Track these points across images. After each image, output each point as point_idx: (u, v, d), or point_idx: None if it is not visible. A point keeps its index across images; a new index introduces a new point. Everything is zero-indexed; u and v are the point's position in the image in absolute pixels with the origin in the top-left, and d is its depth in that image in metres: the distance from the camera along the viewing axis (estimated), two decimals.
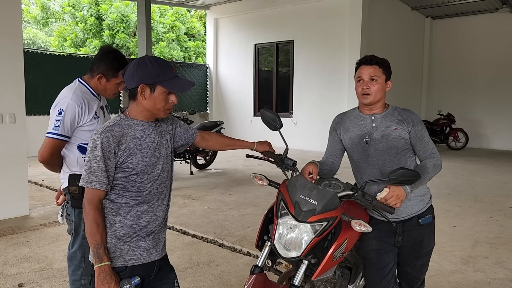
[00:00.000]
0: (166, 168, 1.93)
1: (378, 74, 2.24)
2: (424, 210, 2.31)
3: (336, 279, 2.31)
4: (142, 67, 1.79)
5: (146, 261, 1.85)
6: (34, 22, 18.38)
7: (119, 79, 2.50)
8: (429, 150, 2.28)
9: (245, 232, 4.74)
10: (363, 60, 2.31)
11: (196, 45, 18.40)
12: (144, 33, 9.99)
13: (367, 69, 2.26)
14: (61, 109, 2.38)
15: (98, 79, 2.51)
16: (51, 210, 5.67)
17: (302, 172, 2.23)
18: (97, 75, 2.50)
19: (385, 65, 2.29)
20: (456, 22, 13.61)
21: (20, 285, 3.43)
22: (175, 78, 1.82)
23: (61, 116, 2.37)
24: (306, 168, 2.24)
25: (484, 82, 13.06)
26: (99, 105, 2.56)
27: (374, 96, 2.24)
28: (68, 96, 2.42)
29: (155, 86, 1.79)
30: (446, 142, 12.65)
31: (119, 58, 2.52)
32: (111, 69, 2.49)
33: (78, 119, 2.41)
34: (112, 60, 2.50)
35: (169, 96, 1.83)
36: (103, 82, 2.51)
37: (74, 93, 2.43)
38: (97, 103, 2.54)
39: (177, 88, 1.83)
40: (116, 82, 2.53)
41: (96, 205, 1.76)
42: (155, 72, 1.78)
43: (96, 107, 2.51)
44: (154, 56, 1.83)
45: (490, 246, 4.46)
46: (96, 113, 2.50)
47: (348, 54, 10.76)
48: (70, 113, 2.38)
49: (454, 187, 7.35)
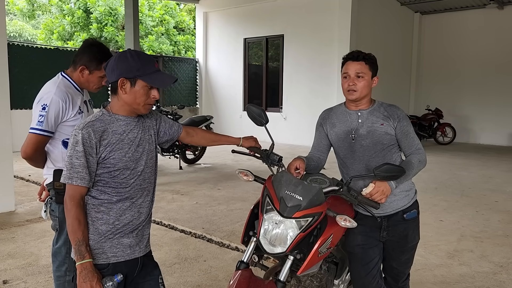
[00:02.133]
0: (149, 163, 1.91)
1: (365, 71, 2.24)
2: (409, 205, 2.32)
3: (322, 274, 2.32)
4: (123, 60, 1.77)
5: (129, 258, 1.83)
6: (21, 14, 18.07)
7: (102, 72, 2.43)
8: (414, 146, 2.28)
9: (234, 227, 4.74)
10: (349, 56, 2.29)
11: (186, 39, 18.27)
12: (131, 26, 9.86)
13: (354, 65, 2.24)
14: (44, 104, 2.34)
15: (81, 71, 2.46)
16: (37, 205, 5.61)
17: (288, 167, 2.22)
18: (80, 66, 2.45)
19: (372, 61, 2.28)
20: (445, 17, 13.69)
21: (5, 282, 3.39)
22: (156, 73, 1.80)
23: (45, 111, 2.33)
24: (292, 163, 2.23)
25: (472, 78, 13.18)
26: (82, 99, 2.51)
27: (360, 92, 2.24)
28: (51, 91, 2.37)
29: (136, 80, 1.76)
30: (434, 137, 12.76)
31: (103, 50, 2.48)
32: (94, 61, 2.44)
33: (62, 115, 2.37)
34: (95, 52, 2.45)
35: (151, 91, 1.80)
36: (86, 75, 2.46)
37: (57, 87, 2.38)
38: (80, 97, 2.50)
39: (158, 82, 1.80)
40: (99, 75, 2.48)
41: (78, 202, 1.73)
42: (136, 66, 1.76)
43: (80, 102, 2.47)
44: (136, 50, 1.81)
45: (476, 240, 4.52)
46: (80, 108, 2.46)
47: (337, 48, 10.78)
48: (54, 108, 2.34)
49: (441, 181, 7.42)
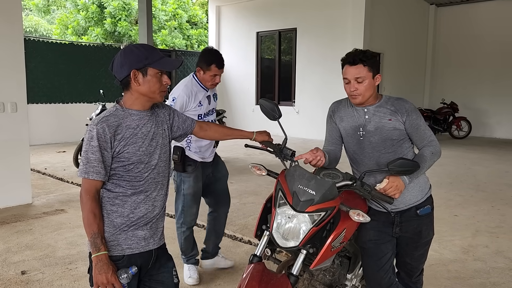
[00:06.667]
0: (163, 157, 1.93)
1: (364, 74, 2.15)
2: (423, 200, 2.30)
3: (335, 268, 2.32)
4: (129, 54, 1.80)
5: (143, 250, 1.86)
6: (36, 10, 18.30)
7: (212, 71, 3.13)
8: (426, 138, 2.24)
9: (246, 221, 4.76)
10: (346, 60, 2.20)
11: (198, 33, 18.29)
12: (145, 20, 9.91)
13: (351, 70, 2.17)
14: (174, 97, 3.11)
15: (198, 72, 3.18)
16: (54, 198, 5.71)
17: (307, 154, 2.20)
18: (197, 67, 3.18)
19: (371, 61, 2.17)
20: (461, 9, 13.45)
21: (23, 272, 3.47)
22: (163, 58, 1.83)
23: (174, 102, 3.09)
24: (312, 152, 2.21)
25: (488, 71, 12.95)
26: (205, 95, 3.22)
27: (363, 96, 2.19)
28: (180, 88, 3.14)
29: (147, 69, 1.79)
30: (449, 131, 12.59)
31: (212, 53, 3.17)
32: (204, 62, 3.13)
33: (185, 106, 3.11)
34: (206, 55, 3.15)
35: (162, 77, 1.84)
36: (201, 74, 3.17)
37: (185, 86, 3.15)
38: (203, 93, 3.21)
39: (169, 66, 1.84)
40: (210, 74, 3.14)
41: (93, 196, 1.76)
42: (143, 55, 1.79)
43: (201, 97, 3.18)
44: (137, 43, 1.84)
45: (491, 235, 4.46)
46: (200, 102, 3.17)
47: (351, 42, 10.65)
48: (180, 101, 3.09)
49: (456, 176, 7.33)
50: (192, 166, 3.23)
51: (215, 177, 3.49)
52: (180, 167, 3.18)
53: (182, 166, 3.18)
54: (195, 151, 3.25)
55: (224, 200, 3.61)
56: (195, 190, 3.31)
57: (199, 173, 3.31)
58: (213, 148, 3.40)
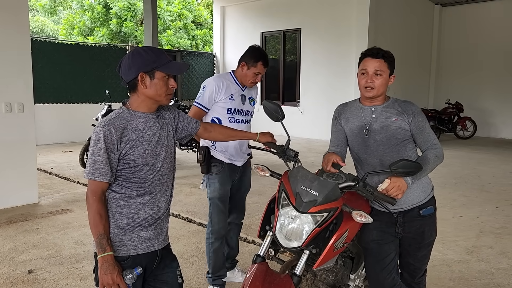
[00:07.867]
0: (168, 159, 1.95)
1: (383, 69, 2.22)
2: (426, 201, 2.31)
3: (338, 269, 2.34)
4: (137, 57, 1.82)
5: (148, 251, 1.89)
6: (43, 10, 18.40)
7: (258, 69, 3.01)
8: (430, 141, 2.26)
9: (251, 221, 4.78)
10: (368, 52, 2.26)
11: (203, 34, 18.33)
12: (150, 21, 9.95)
13: (373, 62, 2.22)
14: (204, 85, 3.01)
15: (242, 66, 3.04)
16: (60, 198, 5.76)
17: (326, 161, 2.21)
18: (241, 62, 3.05)
19: (390, 59, 2.25)
20: (466, 9, 13.39)
21: (30, 271, 3.51)
22: (171, 62, 1.86)
23: (203, 90, 2.99)
24: (329, 158, 2.20)
25: (493, 71, 12.88)
26: (239, 92, 3.07)
27: (377, 90, 2.23)
28: (212, 78, 3.05)
29: (154, 72, 1.82)
30: (454, 131, 12.54)
31: (260, 51, 3.06)
32: (252, 58, 3.01)
33: (215, 95, 2.96)
34: (255, 51, 3.03)
35: (169, 80, 1.87)
36: (245, 70, 3.03)
37: (217, 76, 3.05)
38: (237, 89, 3.06)
39: (176, 70, 1.87)
40: (254, 71, 3.02)
41: (99, 197, 1.79)
42: (151, 59, 1.81)
43: (234, 92, 3.03)
44: (145, 46, 1.86)
45: (495, 236, 4.46)
46: (232, 96, 3.02)
47: (355, 42, 10.67)
48: (209, 89, 2.96)
49: (461, 176, 7.32)
50: (218, 167, 3.00)
51: (237, 187, 3.20)
52: (204, 168, 2.97)
53: (207, 167, 2.97)
54: (221, 150, 3.01)
55: (239, 212, 3.36)
56: (221, 193, 3.03)
57: (226, 175, 3.03)
58: (246, 155, 3.17)
